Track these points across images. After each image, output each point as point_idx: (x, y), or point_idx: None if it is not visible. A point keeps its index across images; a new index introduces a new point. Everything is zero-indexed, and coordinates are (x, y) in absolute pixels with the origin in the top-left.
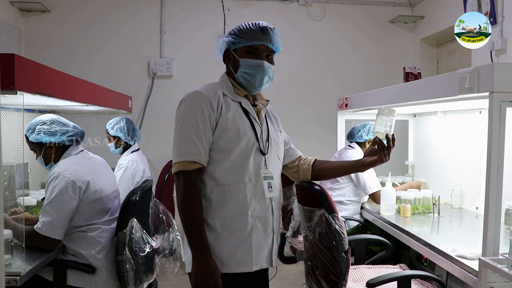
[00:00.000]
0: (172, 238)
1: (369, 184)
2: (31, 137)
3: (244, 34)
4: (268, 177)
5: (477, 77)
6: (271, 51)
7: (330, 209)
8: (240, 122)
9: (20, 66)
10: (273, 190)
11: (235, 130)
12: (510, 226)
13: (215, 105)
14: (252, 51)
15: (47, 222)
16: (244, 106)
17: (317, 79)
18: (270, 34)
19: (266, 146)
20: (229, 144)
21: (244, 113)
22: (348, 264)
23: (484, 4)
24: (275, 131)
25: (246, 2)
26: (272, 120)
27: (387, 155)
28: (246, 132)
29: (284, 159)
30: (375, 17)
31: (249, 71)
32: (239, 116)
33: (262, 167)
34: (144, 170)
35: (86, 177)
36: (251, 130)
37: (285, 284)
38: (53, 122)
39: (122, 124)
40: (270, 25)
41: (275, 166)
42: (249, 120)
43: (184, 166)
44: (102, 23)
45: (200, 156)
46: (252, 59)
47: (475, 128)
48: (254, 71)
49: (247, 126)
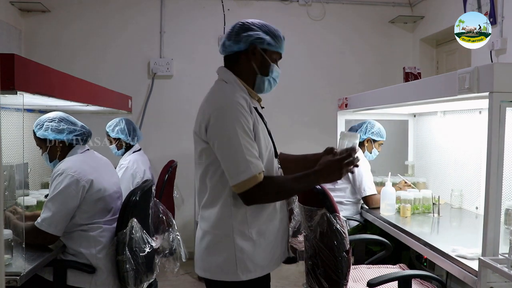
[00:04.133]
0: (172, 238)
1: (364, 186)
2: (38, 133)
3: (277, 40)
4: None
5: (477, 77)
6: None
7: (331, 209)
8: (262, 129)
9: (20, 66)
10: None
11: (262, 138)
12: (510, 226)
13: (252, 114)
14: (278, 59)
15: (47, 218)
16: (260, 111)
17: (317, 79)
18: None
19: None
20: (261, 154)
21: (260, 117)
22: (349, 263)
23: (484, 4)
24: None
25: (246, 2)
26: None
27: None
28: (268, 138)
29: None
30: (375, 17)
31: (277, 78)
32: (261, 123)
33: (278, 170)
34: (145, 170)
35: (90, 176)
36: (268, 135)
37: (285, 284)
38: (61, 120)
39: (122, 126)
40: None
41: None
42: (264, 124)
43: (256, 180)
44: (102, 23)
45: (262, 165)
46: (278, 67)
47: (475, 128)
48: (277, 80)
49: (266, 131)
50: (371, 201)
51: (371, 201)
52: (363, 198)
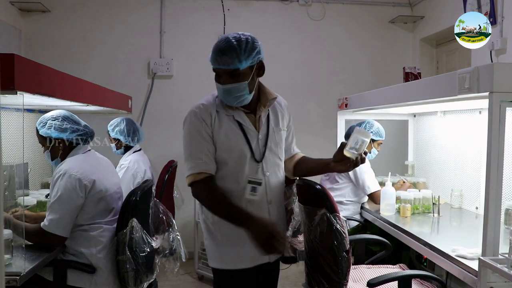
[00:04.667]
0: (172, 238)
1: (367, 184)
2: (41, 131)
3: (211, 55)
4: (255, 182)
5: (477, 77)
6: (228, 71)
7: (331, 209)
8: (231, 136)
9: (20, 66)
10: (256, 194)
11: (227, 144)
12: (510, 226)
13: (209, 121)
14: (218, 74)
15: (54, 220)
16: (237, 118)
17: (317, 79)
18: (222, 56)
19: (262, 152)
20: (223, 157)
21: (238, 125)
22: (349, 263)
23: (484, 4)
24: (277, 131)
25: (246, 2)
26: (279, 118)
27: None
28: (238, 144)
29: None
30: (375, 17)
31: (219, 94)
32: (231, 130)
33: (254, 173)
34: (146, 170)
35: (92, 176)
36: (244, 141)
37: (285, 284)
38: (65, 119)
39: (122, 127)
40: (230, 42)
41: (275, 168)
42: (242, 131)
43: (194, 178)
44: (102, 23)
45: (206, 166)
46: (218, 83)
47: (475, 128)
48: (221, 96)
49: (240, 138)
50: (377, 197)
51: (377, 197)
52: (368, 195)
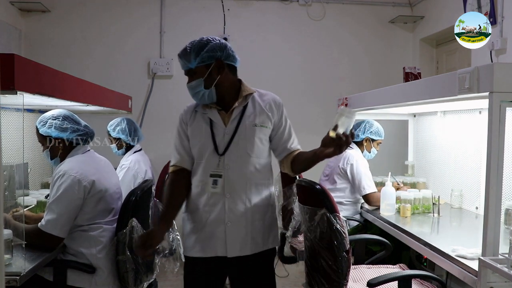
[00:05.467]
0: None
1: (363, 184)
2: (41, 130)
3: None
4: (216, 175)
5: (477, 77)
6: (186, 72)
7: (331, 209)
8: (198, 131)
9: (20, 66)
10: (217, 187)
11: (194, 139)
12: (510, 226)
13: (186, 119)
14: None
15: (52, 220)
16: (209, 115)
17: (317, 79)
18: (180, 59)
19: (226, 146)
20: (193, 150)
21: (209, 121)
22: (349, 263)
23: (484, 4)
24: (251, 127)
25: (246, 2)
26: (256, 114)
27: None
28: (202, 138)
29: (278, 155)
30: (375, 17)
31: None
32: (200, 126)
33: (215, 167)
34: (146, 171)
35: (92, 177)
36: (209, 135)
37: (285, 284)
38: (65, 119)
39: (123, 126)
40: (186, 46)
41: (241, 163)
42: (211, 127)
43: (171, 170)
44: (102, 23)
45: (179, 160)
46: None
47: (475, 128)
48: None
49: (206, 133)
50: (371, 199)
51: (371, 199)
52: (363, 196)
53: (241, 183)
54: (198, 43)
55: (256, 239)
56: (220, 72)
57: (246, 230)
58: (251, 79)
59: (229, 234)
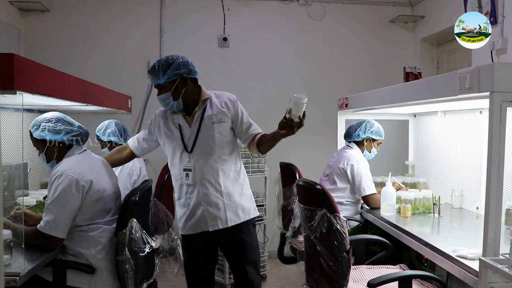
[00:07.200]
0: (172, 238)
1: (363, 186)
2: (35, 134)
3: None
4: (187, 169)
5: (478, 77)
6: (156, 86)
7: (331, 209)
8: (169, 133)
9: (20, 66)
10: (189, 179)
11: (167, 142)
12: (510, 226)
13: (159, 121)
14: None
15: (50, 221)
16: (177, 121)
17: (317, 79)
18: (150, 75)
19: (193, 144)
20: (167, 150)
21: (178, 126)
22: (349, 264)
23: (485, 4)
24: (209, 124)
25: (246, 2)
26: (213, 112)
27: (295, 129)
28: (173, 140)
29: (245, 141)
30: (375, 17)
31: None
32: (170, 131)
33: (186, 162)
34: (141, 168)
35: (90, 177)
36: (179, 137)
37: (285, 284)
38: (58, 121)
39: (113, 128)
40: (154, 64)
41: (207, 155)
42: (180, 130)
43: (126, 144)
44: (102, 23)
45: (133, 145)
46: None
47: (475, 128)
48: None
49: (176, 136)
50: (371, 200)
51: (371, 201)
52: (362, 197)
53: (209, 172)
54: (164, 62)
55: (233, 213)
56: (185, 85)
57: (222, 208)
58: (251, 78)
59: (208, 214)
